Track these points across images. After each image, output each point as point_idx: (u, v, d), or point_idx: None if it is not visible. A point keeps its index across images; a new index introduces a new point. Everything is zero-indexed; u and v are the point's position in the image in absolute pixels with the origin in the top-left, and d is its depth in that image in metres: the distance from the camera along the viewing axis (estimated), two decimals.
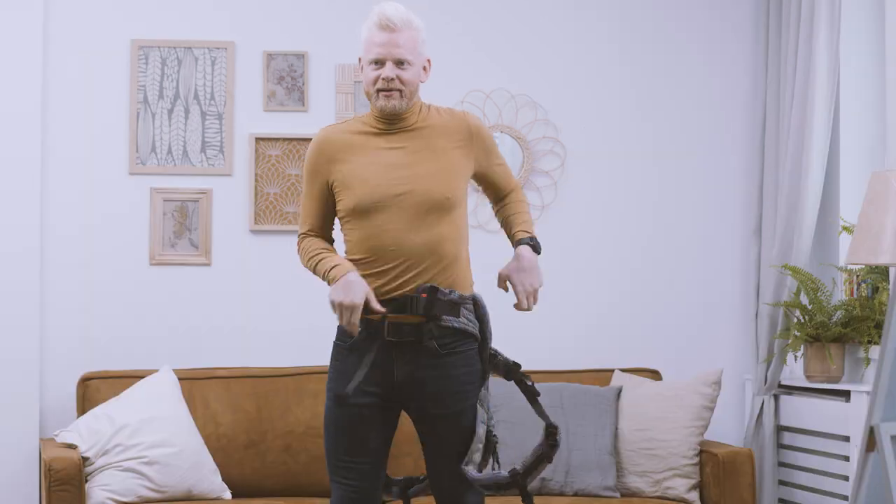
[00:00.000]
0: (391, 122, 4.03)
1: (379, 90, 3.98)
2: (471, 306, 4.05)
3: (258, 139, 5.89)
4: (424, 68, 4.04)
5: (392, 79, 3.96)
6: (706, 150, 6.22)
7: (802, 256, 5.74)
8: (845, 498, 5.37)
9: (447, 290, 3.96)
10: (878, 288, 5.60)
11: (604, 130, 6.16)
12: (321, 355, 5.83)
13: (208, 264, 5.89)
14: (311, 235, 4.12)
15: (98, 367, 5.70)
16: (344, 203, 4.02)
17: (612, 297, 6.14)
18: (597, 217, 6.15)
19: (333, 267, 3.95)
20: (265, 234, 5.92)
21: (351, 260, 4.02)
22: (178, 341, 5.83)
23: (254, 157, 5.88)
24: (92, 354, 5.75)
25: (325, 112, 5.94)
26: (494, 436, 4.05)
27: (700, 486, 5.54)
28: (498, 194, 4.22)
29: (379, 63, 3.98)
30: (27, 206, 5.68)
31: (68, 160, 5.79)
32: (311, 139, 5.84)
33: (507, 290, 4.06)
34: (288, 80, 5.94)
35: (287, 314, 5.92)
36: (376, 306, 3.90)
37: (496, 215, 4.25)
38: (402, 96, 3.98)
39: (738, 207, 6.22)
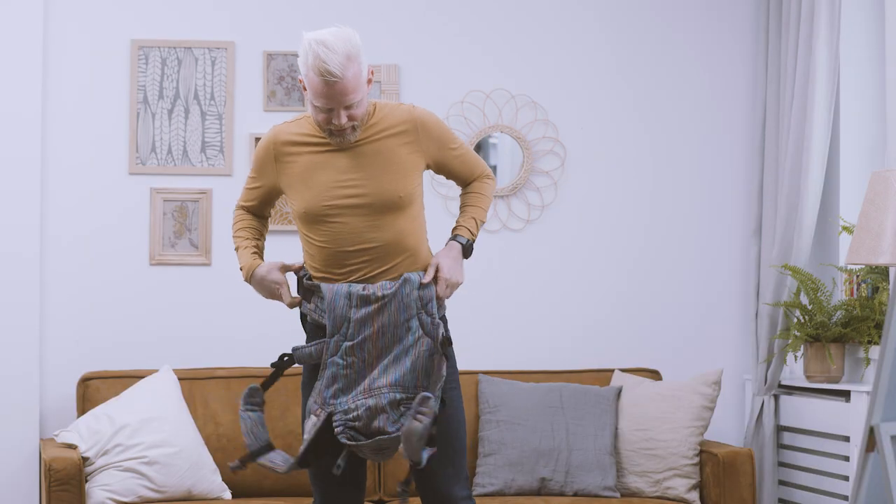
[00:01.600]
0: None
1: (331, 130, 3.93)
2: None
3: (258, 139, 5.89)
4: (369, 81, 3.95)
5: (344, 123, 3.90)
6: (706, 150, 6.22)
7: (802, 256, 5.74)
8: (845, 498, 5.37)
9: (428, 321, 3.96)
10: (878, 288, 5.60)
11: (604, 130, 6.16)
12: None
13: (208, 264, 5.89)
14: (244, 210, 4.21)
15: (98, 367, 5.70)
16: (295, 207, 4.02)
17: (611, 297, 6.14)
18: (597, 217, 6.15)
19: (241, 267, 4.09)
20: None
21: (312, 266, 4.02)
22: (178, 341, 5.83)
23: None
24: (92, 354, 5.75)
25: None
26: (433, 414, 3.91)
27: (700, 486, 5.54)
28: (461, 183, 4.19)
29: (327, 110, 3.90)
30: (27, 206, 5.68)
31: (68, 160, 5.79)
32: None
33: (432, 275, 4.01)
34: (288, 80, 5.94)
35: (287, 314, 5.92)
36: (287, 300, 4.04)
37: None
38: (354, 129, 3.94)
39: (738, 207, 6.22)
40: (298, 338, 5.90)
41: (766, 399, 5.87)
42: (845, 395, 5.42)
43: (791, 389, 5.86)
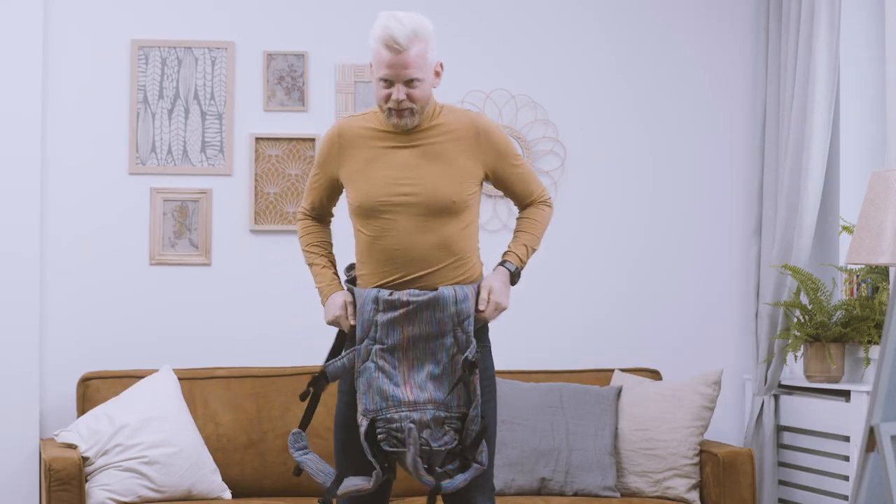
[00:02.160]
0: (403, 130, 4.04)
1: (390, 108, 3.97)
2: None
3: (258, 139, 5.89)
4: (437, 73, 4.02)
5: (402, 100, 3.94)
6: (706, 150, 6.22)
7: (802, 256, 5.74)
8: (845, 498, 5.37)
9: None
10: (878, 288, 5.60)
11: (604, 130, 6.16)
12: (321, 355, 5.85)
13: (208, 264, 5.89)
14: (310, 218, 4.21)
15: (98, 367, 5.70)
16: (350, 199, 4.05)
17: (612, 297, 6.14)
18: (597, 217, 6.15)
19: (318, 289, 4.13)
20: (265, 234, 5.92)
21: (359, 262, 4.05)
22: (178, 341, 5.83)
23: (254, 157, 5.88)
24: (92, 354, 5.74)
25: (325, 112, 5.94)
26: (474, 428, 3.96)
27: (700, 486, 5.54)
28: (517, 201, 4.19)
29: (388, 82, 3.95)
30: (27, 206, 5.68)
31: (68, 160, 5.79)
32: (311, 139, 5.93)
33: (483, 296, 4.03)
34: (288, 80, 5.94)
35: (287, 314, 5.92)
36: (345, 326, 4.04)
37: None
38: (413, 113, 3.97)
39: (738, 207, 6.22)
40: (298, 337, 5.91)
41: (766, 399, 5.87)
42: (845, 395, 5.42)
43: (791, 389, 5.86)
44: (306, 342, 5.86)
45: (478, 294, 4.00)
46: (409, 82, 3.93)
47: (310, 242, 4.20)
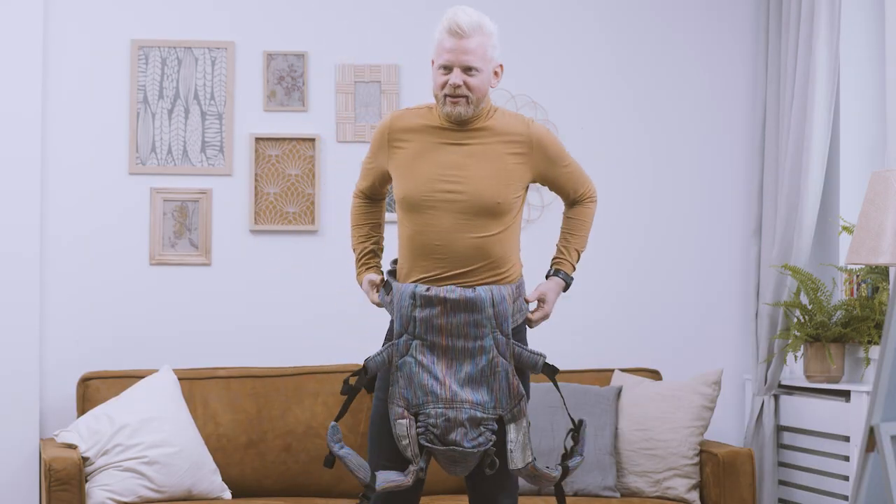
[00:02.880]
0: (456, 121, 4.06)
1: (446, 95, 4.00)
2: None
3: (258, 139, 5.89)
4: (496, 73, 4.06)
5: (459, 85, 3.97)
6: (706, 150, 6.22)
7: (802, 256, 5.74)
8: (845, 498, 5.37)
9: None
10: (878, 288, 5.60)
11: (604, 130, 6.16)
12: (321, 355, 5.87)
13: (208, 264, 5.89)
14: (361, 198, 4.29)
15: (98, 367, 5.70)
16: (396, 191, 4.09)
17: (611, 297, 6.14)
18: (596, 217, 6.13)
19: (358, 273, 4.22)
20: (265, 234, 5.92)
21: (400, 255, 4.08)
22: (178, 341, 5.83)
23: (254, 157, 5.88)
24: (92, 354, 5.74)
25: (325, 112, 5.94)
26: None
27: (700, 486, 5.54)
28: (565, 199, 4.27)
29: (447, 69, 3.99)
30: (27, 206, 5.68)
31: (68, 160, 5.79)
32: (311, 139, 5.93)
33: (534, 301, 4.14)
34: (288, 80, 5.94)
35: (287, 314, 5.92)
36: (372, 299, 4.16)
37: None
38: (468, 103, 4.00)
39: (738, 207, 6.22)
40: (298, 337, 5.91)
41: (766, 399, 5.87)
42: (845, 395, 5.42)
43: (791, 389, 5.86)
44: (306, 342, 5.86)
45: (515, 298, 4.05)
46: (467, 70, 3.98)
47: (357, 224, 4.28)
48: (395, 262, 4.17)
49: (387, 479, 3.96)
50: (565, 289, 4.24)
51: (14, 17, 5.68)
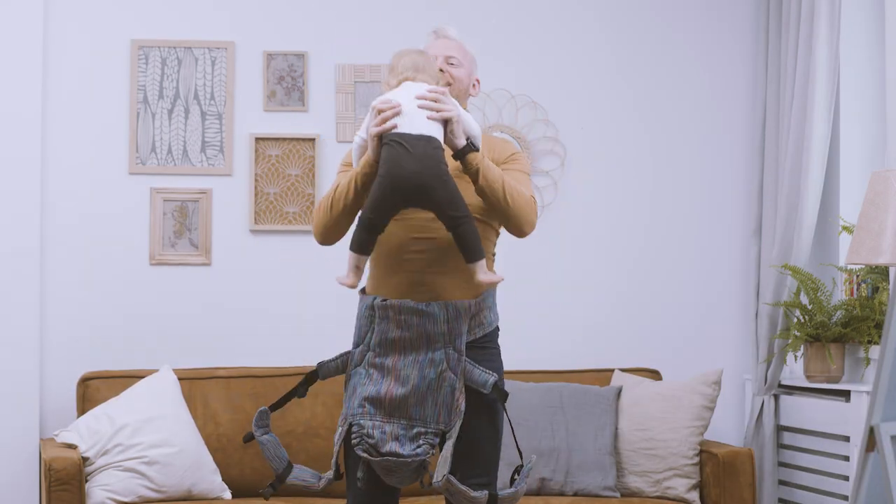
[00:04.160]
0: None
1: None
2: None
3: (258, 139, 5.89)
4: (473, 86, 4.17)
5: (443, 69, 4.06)
6: (706, 149, 6.22)
7: (802, 256, 5.74)
8: (845, 498, 5.37)
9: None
10: (878, 288, 5.60)
11: (604, 130, 6.16)
12: (320, 355, 5.85)
13: (208, 264, 5.89)
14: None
15: (98, 367, 5.70)
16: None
17: (612, 297, 6.14)
18: (596, 217, 6.15)
19: (356, 173, 3.93)
20: (265, 234, 5.92)
21: (374, 258, 4.01)
22: (178, 341, 5.83)
23: (254, 157, 5.88)
24: (92, 354, 5.74)
25: (325, 112, 5.94)
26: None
27: (700, 486, 5.54)
28: None
29: None
30: (27, 206, 5.68)
31: (68, 160, 5.79)
32: (311, 139, 5.93)
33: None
34: (288, 80, 5.94)
35: (287, 314, 5.92)
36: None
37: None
38: (449, 87, 4.04)
39: (738, 207, 6.22)
40: (298, 337, 5.91)
41: (766, 399, 5.87)
42: (845, 395, 5.42)
43: (791, 389, 5.86)
44: (306, 342, 5.86)
45: (475, 313, 3.96)
46: (448, 58, 4.09)
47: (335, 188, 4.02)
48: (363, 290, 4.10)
49: (300, 475, 3.96)
50: (462, 153, 3.87)
51: (14, 17, 5.68)
